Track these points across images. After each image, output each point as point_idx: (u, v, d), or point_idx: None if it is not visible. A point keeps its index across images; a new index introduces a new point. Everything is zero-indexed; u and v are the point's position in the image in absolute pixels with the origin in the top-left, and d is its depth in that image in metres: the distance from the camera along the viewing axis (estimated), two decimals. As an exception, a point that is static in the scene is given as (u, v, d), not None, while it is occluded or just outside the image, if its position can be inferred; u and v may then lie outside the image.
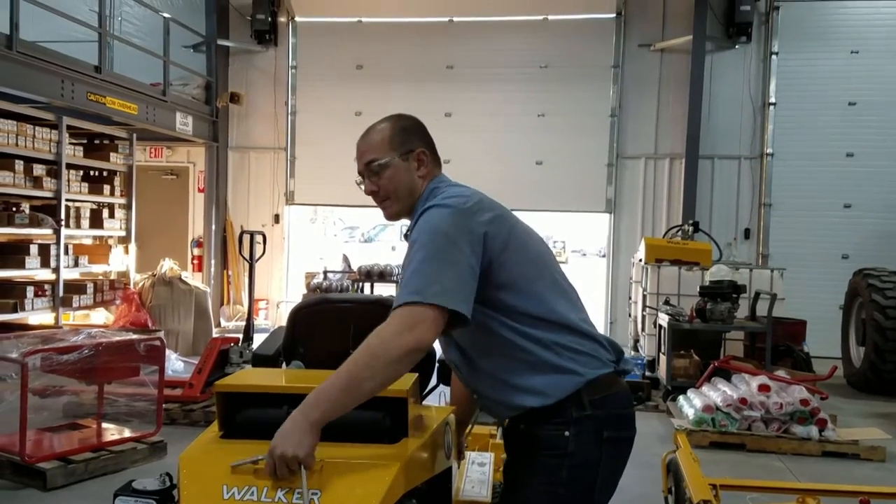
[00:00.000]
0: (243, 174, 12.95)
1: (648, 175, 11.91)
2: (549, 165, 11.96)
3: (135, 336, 5.86)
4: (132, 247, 10.21)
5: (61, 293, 8.66)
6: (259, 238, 7.28)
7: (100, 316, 9.76)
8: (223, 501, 1.87)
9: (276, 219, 12.76)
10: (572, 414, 2.04)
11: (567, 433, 2.03)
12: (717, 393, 6.58)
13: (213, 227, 12.56)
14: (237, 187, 12.93)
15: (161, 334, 6.73)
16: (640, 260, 9.45)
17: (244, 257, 7.24)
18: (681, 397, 7.01)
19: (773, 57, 11.51)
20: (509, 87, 11.97)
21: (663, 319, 7.92)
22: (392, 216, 2.24)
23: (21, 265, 8.18)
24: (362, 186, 2.24)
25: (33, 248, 8.33)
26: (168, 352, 8.47)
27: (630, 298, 10.42)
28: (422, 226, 2.03)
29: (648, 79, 11.82)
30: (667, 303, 8.32)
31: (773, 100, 11.53)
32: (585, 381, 2.05)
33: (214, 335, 9.69)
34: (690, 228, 9.86)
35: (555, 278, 2.16)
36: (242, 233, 7.23)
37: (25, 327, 7.90)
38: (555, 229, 27.85)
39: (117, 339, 5.54)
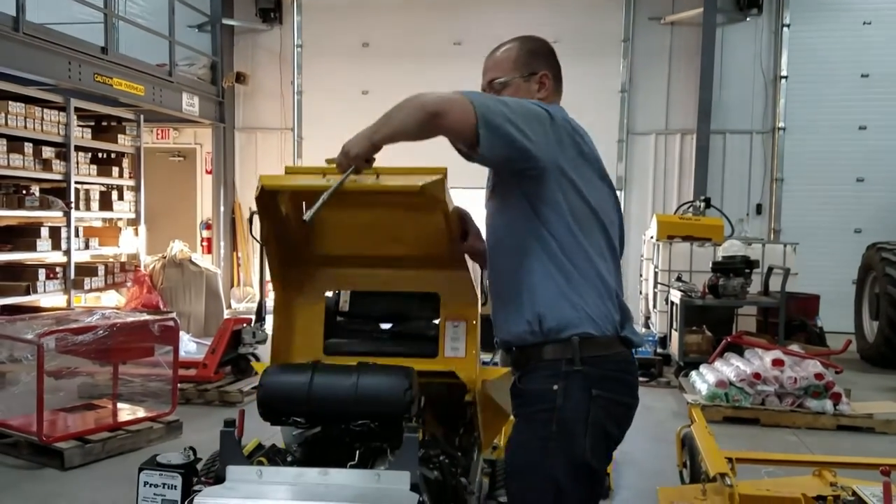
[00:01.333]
0: (250, 155, 12.91)
1: (659, 151, 11.83)
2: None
3: (149, 317, 5.87)
4: (142, 229, 10.20)
5: (72, 275, 8.67)
6: (269, 218, 7.23)
7: (111, 298, 9.76)
8: None
9: (285, 199, 12.70)
10: (562, 368, 2.03)
11: (556, 387, 2.03)
12: (730, 368, 6.56)
13: (222, 208, 12.55)
14: (244, 168, 12.90)
15: (174, 315, 6.75)
16: (652, 237, 9.40)
17: (255, 238, 7.19)
18: (693, 373, 7.00)
19: (785, 29, 11.38)
20: (518, 64, 11.83)
21: (675, 296, 7.90)
22: None
23: (32, 248, 8.18)
24: None
25: (44, 231, 8.32)
26: (180, 333, 8.52)
27: (641, 276, 10.38)
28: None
29: (659, 53, 11.71)
30: (679, 279, 8.29)
31: (784, 73, 11.41)
32: (582, 333, 2.04)
33: (226, 316, 9.71)
34: (702, 204, 9.80)
35: (606, 231, 2.15)
36: (252, 214, 7.18)
37: (37, 309, 7.91)
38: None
39: (132, 319, 5.55)
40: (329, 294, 2.98)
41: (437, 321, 2.81)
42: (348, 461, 2.14)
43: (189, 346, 8.38)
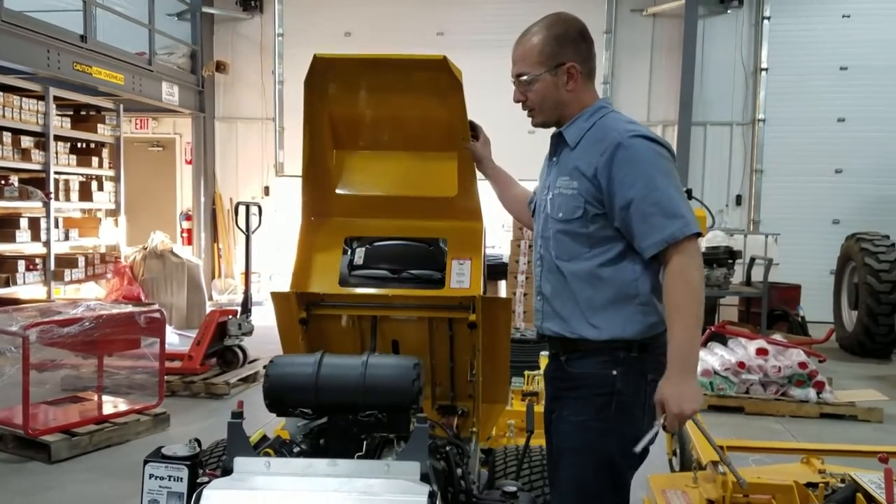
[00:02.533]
0: (231, 145, 12.78)
1: (641, 142, 11.85)
2: (541, 134, 11.63)
3: (135, 308, 5.80)
4: (122, 220, 10.09)
5: (52, 267, 8.55)
6: (255, 210, 7.19)
7: (91, 290, 9.64)
8: None
9: (266, 191, 12.62)
10: (619, 355, 2.12)
11: (614, 372, 2.12)
12: (714, 357, 6.62)
13: (202, 199, 12.42)
14: (225, 159, 12.77)
15: (159, 307, 6.68)
16: (635, 227, 9.42)
17: (240, 229, 7.15)
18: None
19: (765, 21, 11.46)
20: (501, 54, 11.52)
21: (660, 286, 7.93)
22: (536, 125, 2.34)
23: (11, 239, 8.06)
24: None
25: (23, 222, 8.21)
26: (163, 325, 8.43)
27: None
28: (642, 153, 2.08)
29: (641, 45, 11.74)
30: (663, 269, 8.32)
31: (765, 65, 11.50)
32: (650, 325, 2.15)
33: (208, 308, 9.63)
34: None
35: None
36: (238, 204, 7.13)
37: (17, 301, 7.79)
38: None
39: (117, 311, 5.48)
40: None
41: (442, 272, 3.11)
42: (355, 452, 2.13)
43: (172, 338, 8.24)
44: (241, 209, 7.07)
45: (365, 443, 2.15)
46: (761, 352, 6.42)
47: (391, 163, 3.21)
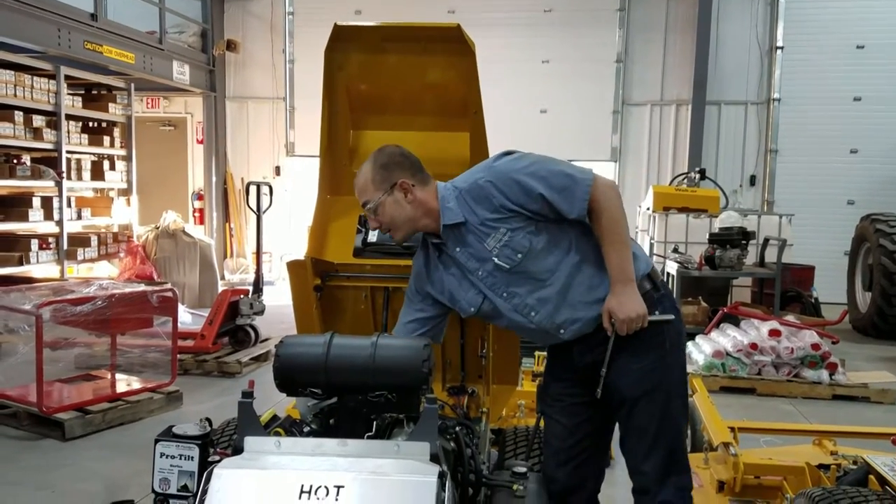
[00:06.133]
0: (242, 125, 12.77)
1: (654, 122, 11.79)
2: (553, 113, 11.80)
3: (147, 287, 5.82)
4: (134, 199, 10.10)
5: (65, 246, 8.59)
6: (266, 189, 7.18)
7: (104, 269, 9.69)
8: None
9: (277, 171, 12.62)
10: (653, 295, 2.46)
11: (658, 311, 2.44)
12: (726, 338, 6.59)
13: (214, 178, 12.43)
14: (236, 139, 12.76)
15: (172, 286, 6.70)
16: (648, 208, 9.39)
17: (251, 209, 7.16)
18: (689, 343, 7.01)
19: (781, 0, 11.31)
20: (513, 33, 11.73)
21: (671, 267, 7.90)
22: (400, 241, 2.54)
23: (24, 218, 8.09)
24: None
25: (36, 201, 8.22)
26: (175, 304, 8.47)
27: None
28: (508, 167, 2.41)
29: (655, 23, 11.60)
30: (675, 251, 8.29)
31: (780, 43, 11.35)
32: (651, 266, 2.52)
33: (220, 287, 9.67)
34: (697, 176, 9.79)
35: None
36: (249, 184, 7.12)
37: (31, 280, 7.84)
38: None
39: (130, 290, 5.50)
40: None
41: None
42: (365, 432, 2.12)
43: (184, 317, 8.31)
44: (252, 189, 7.07)
45: (375, 423, 2.15)
46: (774, 333, 6.39)
47: (405, 143, 3.24)
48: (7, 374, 5.13)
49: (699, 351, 6.70)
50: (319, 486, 1.81)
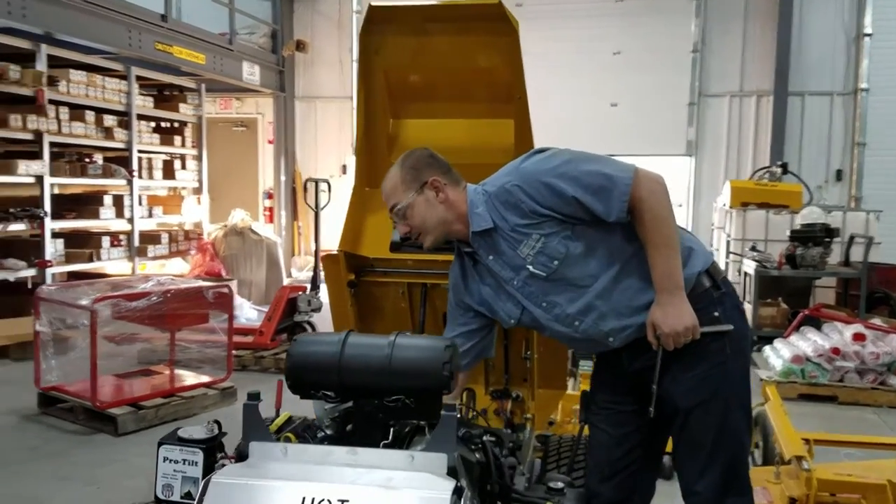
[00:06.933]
0: (310, 124, 12.87)
1: (733, 114, 11.30)
2: (624, 107, 11.42)
3: (202, 283, 5.84)
4: (205, 198, 10.28)
5: (136, 243, 8.78)
6: (324, 186, 7.16)
7: (176, 266, 9.89)
8: None
9: (343, 169, 12.65)
10: (712, 294, 2.24)
11: (717, 313, 2.22)
12: (806, 343, 6.21)
13: (283, 178, 12.57)
14: (304, 138, 12.88)
15: (233, 283, 6.74)
16: (724, 204, 8.99)
17: (309, 205, 7.15)
18: (767, 347, 6.67)
19: (870, -17, 10.65)
20: (583, 24, 11.41)
21: (749, 266, 7.53)
22: (430, 246, 2.38)
23: (96, 215, 8.30)
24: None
25: (107, 199, 8.43)
26: (241, 300, 8.55)
27: (711, 245, 9.94)
28: (538, 167, 2.20)
29: (733, 10, 11.13)
30: (753, 249, 7.89)
31: (868, 31, 10.72)
32: (711, 261, 2.28)
33: (285, 284, 9.72)
34: (779, 170, 9.30)
35: None
36: (307, 181, 7.13)
37: (102, 276, 8.03)
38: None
39: (185, 286, 5.52)
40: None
41: None
42: (382, 439, 1.96)
43: (250, 314, 8.41)
44: (311, 186, 7.05)
45: (392, 430, 1.98)
46: (858, 337, 5.99)
47: (447, 130, 3.14)
48: (67, 369, 5.20)
49: (777, 356, 6.33)
50: (322, 500, 1.66)
